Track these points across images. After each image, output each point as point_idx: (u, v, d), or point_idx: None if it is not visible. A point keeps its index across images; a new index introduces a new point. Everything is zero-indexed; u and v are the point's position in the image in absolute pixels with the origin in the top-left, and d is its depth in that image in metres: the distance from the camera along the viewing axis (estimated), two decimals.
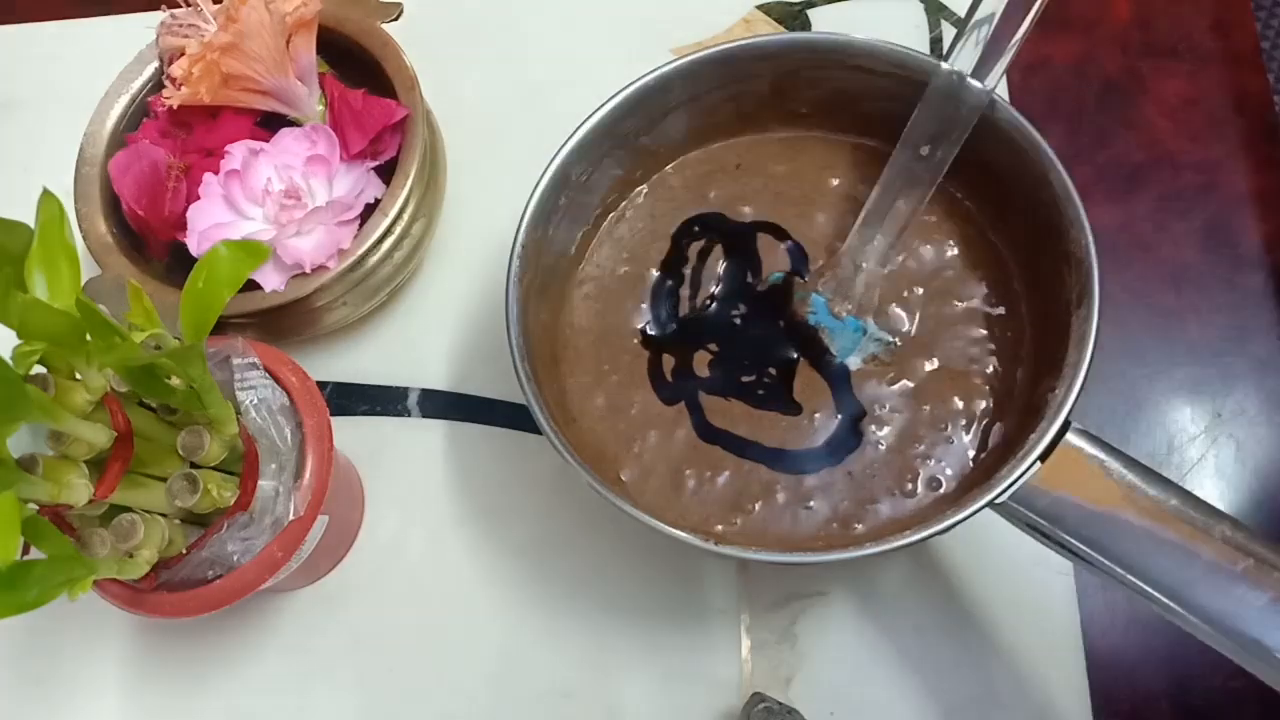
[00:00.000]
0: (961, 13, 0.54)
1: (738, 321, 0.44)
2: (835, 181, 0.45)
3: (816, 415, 0.42)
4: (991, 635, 0.42)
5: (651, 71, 0.42)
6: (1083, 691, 0.42)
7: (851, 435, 0.41)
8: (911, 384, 0.42)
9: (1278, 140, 0.50)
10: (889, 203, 0.41)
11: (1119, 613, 0.43)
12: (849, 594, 0.44)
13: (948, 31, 0.53)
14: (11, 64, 0.59)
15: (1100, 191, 0.50)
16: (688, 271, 0.45)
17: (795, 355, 0.43)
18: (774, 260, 0.45)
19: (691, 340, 0.44)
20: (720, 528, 0.40)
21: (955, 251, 0.43)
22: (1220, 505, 0.33)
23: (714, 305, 0.44)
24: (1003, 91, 0.51)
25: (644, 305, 0.45)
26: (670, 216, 0.46)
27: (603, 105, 0.41)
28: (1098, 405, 0.46)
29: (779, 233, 0.45)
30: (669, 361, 0.44)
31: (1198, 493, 0.34)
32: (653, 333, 0.44)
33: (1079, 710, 0.41)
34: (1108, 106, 0.51)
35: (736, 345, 0.44)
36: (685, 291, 0.45)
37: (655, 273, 0.45)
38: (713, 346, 0.44)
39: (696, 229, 0.46)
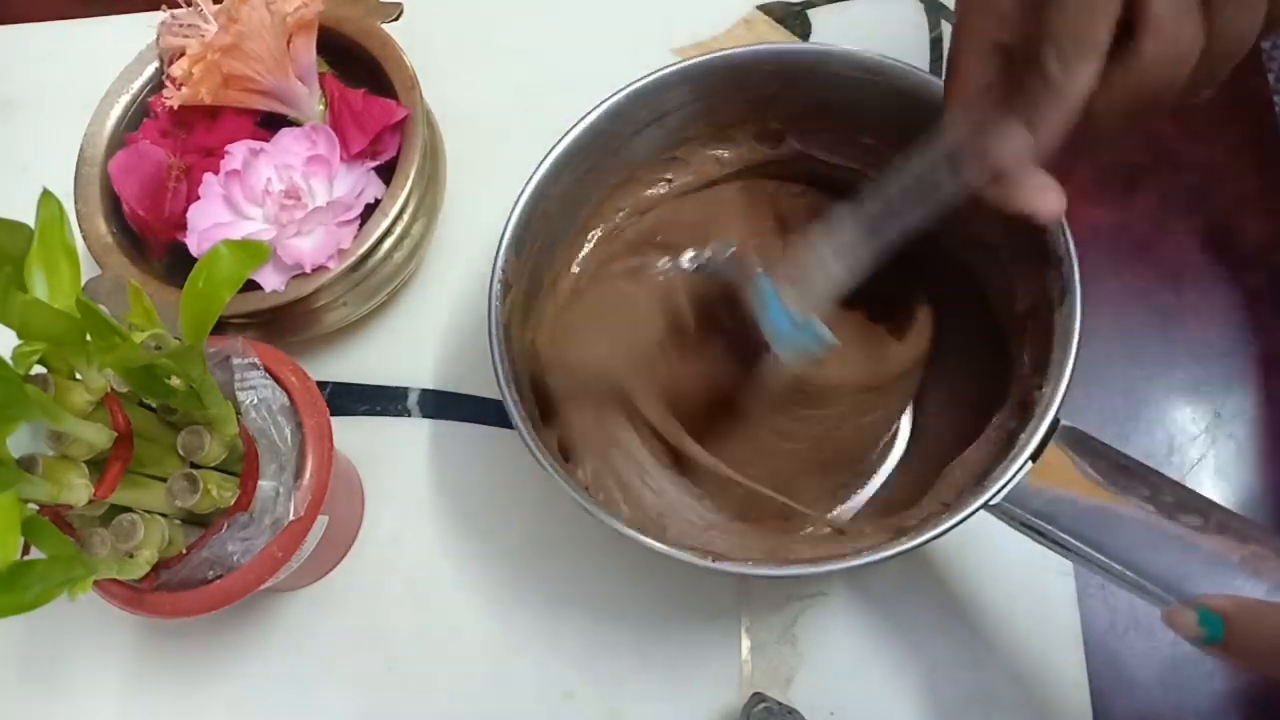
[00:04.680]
0: None
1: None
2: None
3: None
4: (991, 635, 0.42)
5: (620, 90, 0.41)
6: (1083, 691, 0.41)
7: None
8: None
9: (1278, 140, 0.49)
10: (889, 206, 0.35)
11: (1119, 613, 0.43)
12: (849, 594, 0.44)
13: (948, 31, 0.53)
14: (11, 64, 0.59)
15: (1100, 191, 0.50)
16: None
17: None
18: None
19: None
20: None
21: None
22: (1222, 504, 0.33)
23: None
24: None
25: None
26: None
27: (571, 129, 0.41)
28: (1098, 405, 0.46)
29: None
30: None
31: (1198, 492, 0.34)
32: None
33: (1079, 710, 0.41)
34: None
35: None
36: None
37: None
38: None
39: None
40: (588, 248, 0.46)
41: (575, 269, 0.46)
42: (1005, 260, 0.41)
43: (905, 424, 0.46)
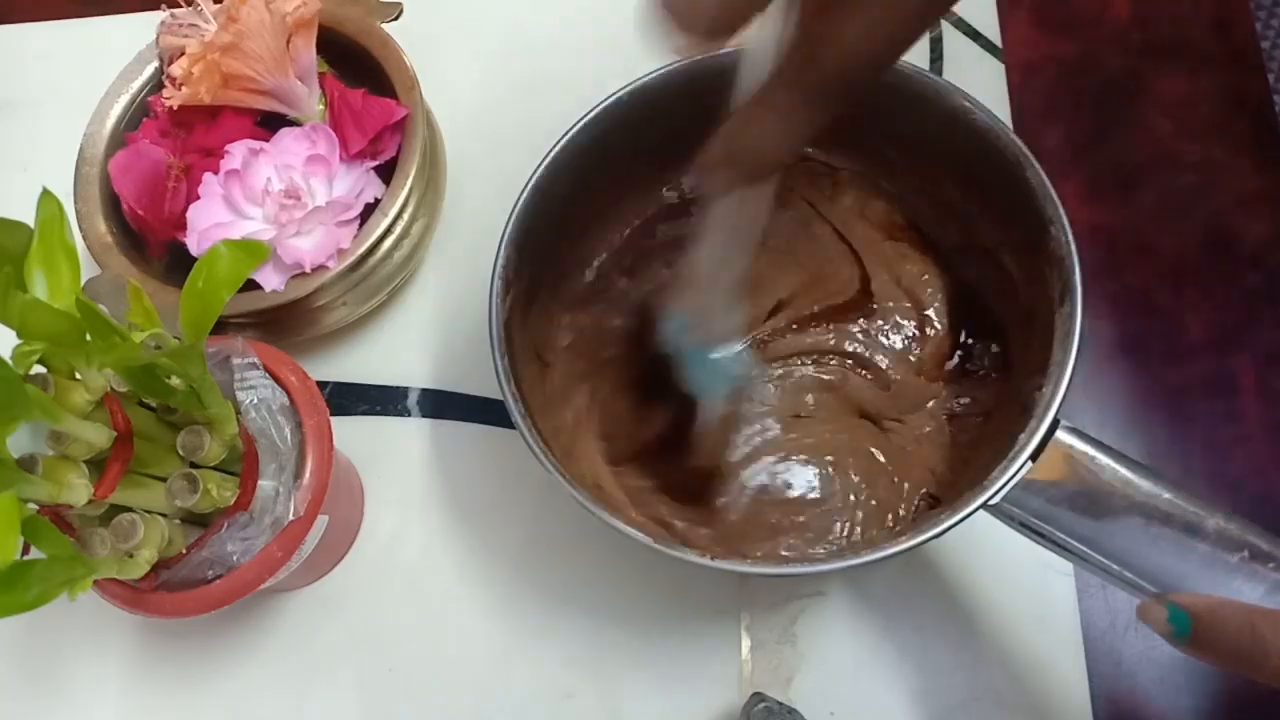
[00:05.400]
0: (961, 12, 0.54)
1: None
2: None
3: None
4: (991, 635, 0.42)
5: (623, 88, 0.41)
6: (1083, 691, 0.42)
7: None
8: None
9: (1278, 140, 0.49)
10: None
11: (1119, 613, 0.43)
12: (848, 594, 0.44)
13: (948, 32, 0.53)
14: (11, 64, 0.59)
15: (1100, 191, 0.50)
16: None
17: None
18: None
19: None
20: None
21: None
22: (1220, 505, 0.33)
23: None
24: (1002, 91, 0.52)
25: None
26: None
27: (572, 127, 0.41)
28: (1098, 405, 0.46)
29: None
30: None
31: (1197, 492, 0.34)
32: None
33: (1079, 710, 0.41)
34: (1108, 106, 0.51)
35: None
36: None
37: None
38: None
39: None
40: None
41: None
42: (1006, 261, 0.41)
43: None
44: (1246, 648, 0.28)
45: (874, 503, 0.42)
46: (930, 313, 0.45)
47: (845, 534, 0.42)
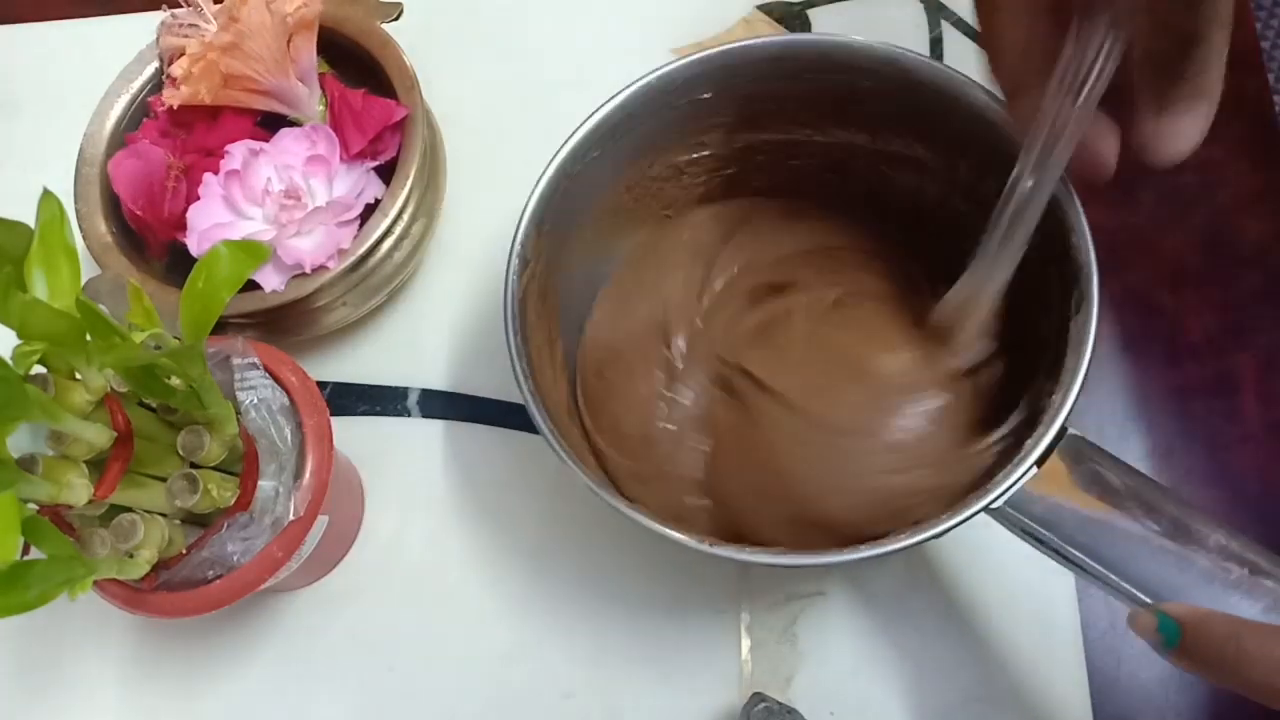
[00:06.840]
0: (961, 12, 0.54)
1: None
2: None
3: None
4: (991, 635, 0.43)
5: (651, 72, 0.41)
6: (1083, 691, 0.42)
7: None
8: None
9: (1278, 140, 0.49)
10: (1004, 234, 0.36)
11: (1119, 613, 0.43)
12: (849, 594, 0.44)
13: (948, 31, 0.53)
14: (11, 64, 0.59)
15: (1100, 191, 0.50)
16: None
17: None
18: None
19: None
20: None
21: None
22: (1217, 509, 0.33)
23: None
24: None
25: None
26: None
27: (601, 107, 0.41)
28: (1097, 405, 0.46)
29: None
30: None
31: (1195, 496, 0.34)
32: None
33: (1079, 710, 0.41)
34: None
35: None
36: None
37: None
38: None
39: None
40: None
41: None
42: (1021, 266, 0.41)
43: None
44: (1231, 660, 0.28)
45: None
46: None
47: None
